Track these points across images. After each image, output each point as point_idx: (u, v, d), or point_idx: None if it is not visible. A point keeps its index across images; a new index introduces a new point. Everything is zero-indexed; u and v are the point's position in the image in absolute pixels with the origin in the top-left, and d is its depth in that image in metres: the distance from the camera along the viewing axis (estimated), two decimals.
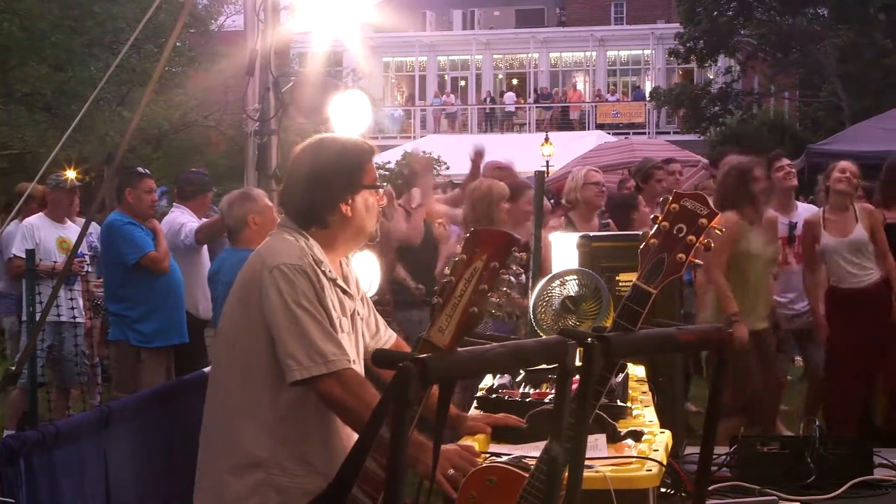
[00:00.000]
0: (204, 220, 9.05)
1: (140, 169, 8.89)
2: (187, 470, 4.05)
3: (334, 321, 3.73)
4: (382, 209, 3.95)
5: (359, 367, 3.81)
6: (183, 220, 8.94)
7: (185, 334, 8.39)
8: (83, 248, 9.91)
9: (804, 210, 9.15)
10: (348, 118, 7.20)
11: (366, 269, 5.83)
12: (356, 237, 3.92)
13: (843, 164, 8.31)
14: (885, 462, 5.51)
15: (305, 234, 3.82)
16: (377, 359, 2.54)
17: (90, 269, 10.42)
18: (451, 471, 3.38)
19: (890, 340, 8.15)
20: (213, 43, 26.13)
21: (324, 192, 3.84)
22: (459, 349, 2.67)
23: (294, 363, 3.59)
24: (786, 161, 8.95)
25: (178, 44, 21.70)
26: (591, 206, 8.59)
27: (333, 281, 3.81)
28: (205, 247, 8.93)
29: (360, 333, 3.96)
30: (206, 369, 7.10)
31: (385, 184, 5.90)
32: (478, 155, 9.47)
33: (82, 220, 8.97)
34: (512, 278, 2.88)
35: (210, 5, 27.11)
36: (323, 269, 3.76)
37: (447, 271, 2.92)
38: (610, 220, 8.90)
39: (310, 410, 3.72)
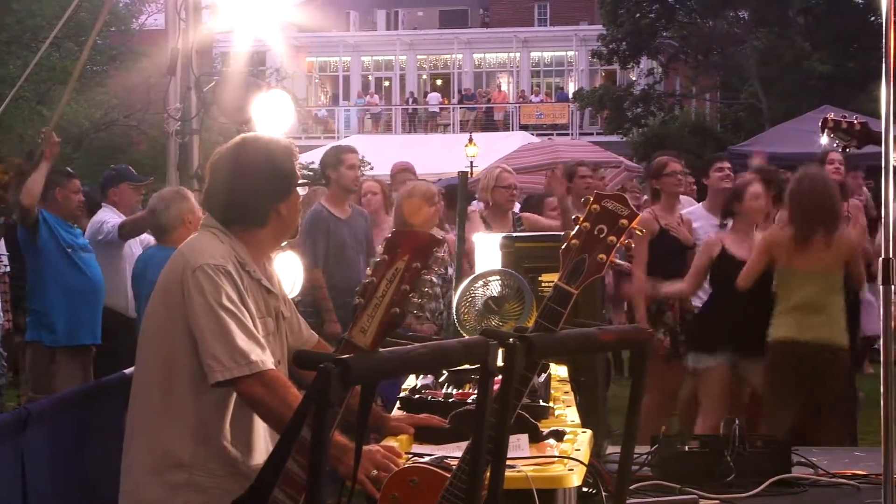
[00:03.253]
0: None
1: (69, 169, 8.83)
2: (109, 473, 4.01)
3: (257, 322, 3.71)
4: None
5: (283, 369, 3.79)
6: (105, 217, 8.87)
7: (99, 335, 8.30)
8: (1, 248, 9.81)
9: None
10: (271, 118, 7.17)
11: (288, 271, 5.81)
12: (284, 236, 3.93)
13: (755, 189, 8.33)
14: (803, 460, 5.58)
15: (229, 233, 3.80)
16: (298, 360, 2.53)
17: (7, 269, 10.28)
18: (374, 471, 3.37)
19: None
20: (134, 42, 25.92)
21: (260, 192, 3.84)
22: (381, 350, 2.67)
23: (216, 364, 3.57)
24: (726, 164, 9.04)
25: (98, 42, 21.51)
26: (502, 209, 8.65)
27: (258, 281, 3.80)
28: (129, 243, 8.82)
29: (283, 334, 3.95)
30: (128, 370, 7.04)
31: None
32: None
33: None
34: (434, 279, 2.88)
35: (131, 4, 26.90)
36: (247, 269, 3.75)
37: (369, 272, 2.92)
38: (522, 217, 8.93)
39: (232, 411, 3.70)
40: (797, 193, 7.39)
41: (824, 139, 5.75)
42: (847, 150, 5.89)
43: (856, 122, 5.62)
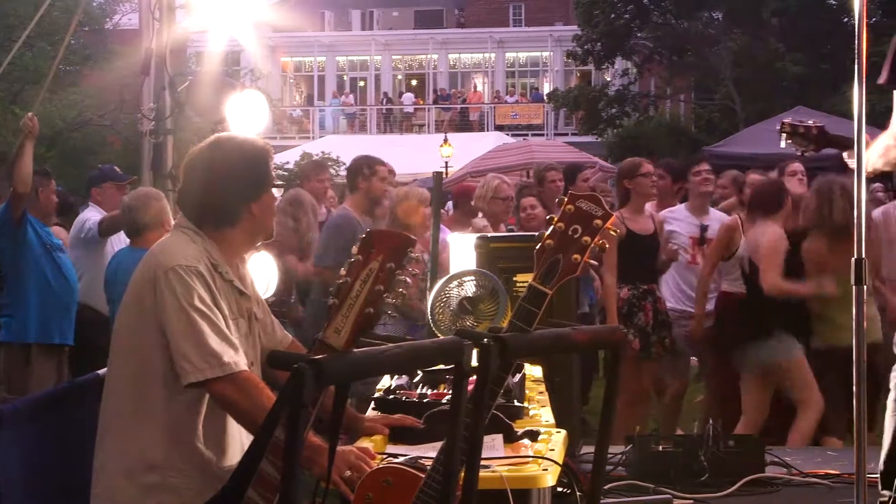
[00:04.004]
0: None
1: (47, 169, 8.82)
2: (84, 475, 3.99)
3: (230, 323, 3.71)
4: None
5: (256, 370, 3.79)
6: (88, 216, 8.87)
7: (71, 337, 8.27)
8: None
9: (715, 214, 9.25)
10: (245, 118, 7.16)
11: (263, 271, 5.79)
12: (257, 236, 3.91)
13: (754, 178, 8.41)
14: (776, 460, 5.61)
15: (202, 234, 3.80)
16: (272, 360, 2.53)
17: None
18: (348, 472, 3.37)
19: None
20: (108, 41, 25.85)
21: (234, 191, 3.84)
22: (355, 350, 2.67)
23: (188, 365, 3.56)
24: (705, 166, 9.08)
25: (72, 42, 21.43)
26: (497, 220, 8.68)
27: (230, 283, 3.79)
28: (111, 242, 8.79)
29: (256, 335, 3.95)
30: (102, 371, 7.01)
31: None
32: None
33: None
34: (408, 279, 2.88)
35: (105, 4, 26.83)
36: (220, 270, 3.74)
37: (343, 272, 2.92)
38: (514, 227, 8.98)
39: (205, 412, 3.69)
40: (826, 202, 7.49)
41: (783, 144, 5.75)
42: (805, 153, 5.90)
43: (812, 125, 5.63)
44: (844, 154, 5.05)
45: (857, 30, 4.11)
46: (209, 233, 3.82)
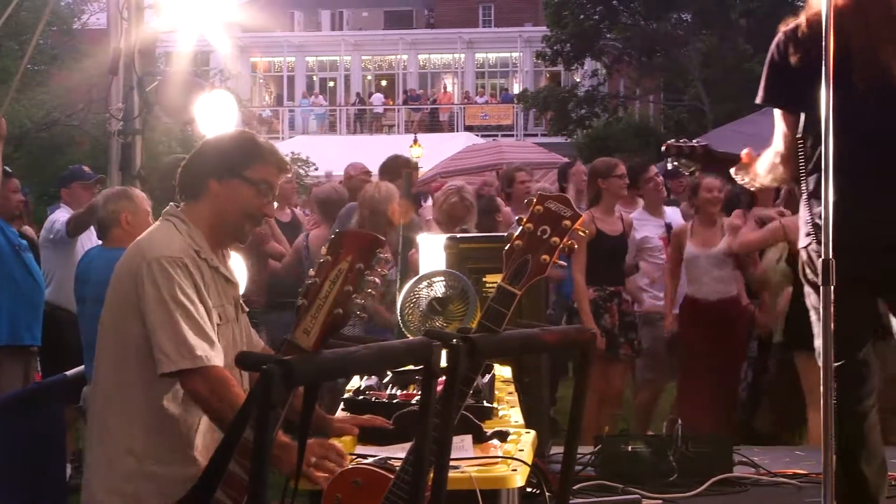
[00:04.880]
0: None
1: (7, 168, 8.75)
2: (50, 475, 3.99)
3: (213, 313, 3.70)
4: None
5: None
6: (58, 216, 8.83)
7: (39, 337, 8.22)
8: None
9: (669, 211, 9.32)
10: (214, 118, 7.14)
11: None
12: (221, 225, 3.85)
13: (709, 181, 8.42)
14: (745, 460, 5.63)
15: (187, 221, 3.78)
16: (241, 361, 2.52)
17: None
18: (313, 458, 3.36)
19: (741, 348, 8.33)
20: (76, 41, 25.74)
21: (200, 163, 3.86)
22: (325, 351, 2.67)
23: (163, 356, 3.57)
24: (654, 170, 9.15)
25: (40, 42, 21.33)
26: (456, 222, 8.63)
27: (216, 269, 3.78)
28: (81, 241, 8.75)
29: (244, 323, 3.96)
30: (70, 372, 6.97)
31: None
32: None
33: None
34: (377, 279, 2.88)
35: (73, 3, 26.71)
36: (204, 256, 3.73)
37: (312, 272, 2.91)
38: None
39: (184, 402, 3.69)
40: None
41: (669, 166, 5.71)
42: (692, 174, 5.87)
43: (697, 144, 5.59)
44: (731, 170, 5.07)
45: (824, 32, 4.12)
46: (186, 213, 3.83)
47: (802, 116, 4.56)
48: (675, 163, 5.45)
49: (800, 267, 4.64)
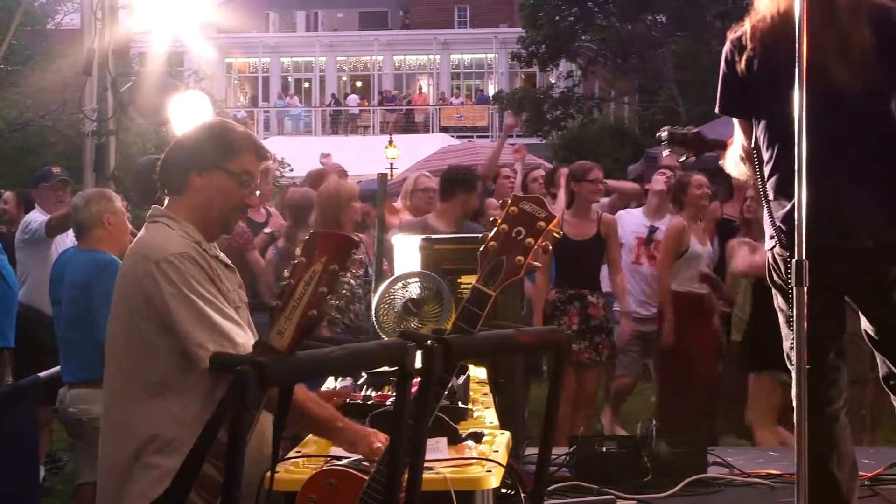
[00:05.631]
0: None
1: None
2: (24, 476, 3.96)
3: (231, 299, 3.69)
4: None
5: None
6: (33, 217, 8.81)
7: (12, 338, 8.18)
8: None
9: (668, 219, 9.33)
10: (189, 119, 7.12)
11: None
12: (207, 218, 3.79)
13: (698, 178, 8.44)
14: (718, 460, 5.64)
15: (175, 217, 3.75)
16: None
17: None
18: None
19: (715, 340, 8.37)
20: (49, 41, 25.65)
21: (182, 156, 3.81)
22: (299, 352, 2.66)
23: (201, 350, 3.50)
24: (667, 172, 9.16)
25: (13, 42, 21.24)
26: (421, 212, 8.60)
27: (216, 258, 3.76)
28: (56, 242, 8.72)
29: (248, 306, 3.93)
30: (43, 374, 6.95)
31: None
32: None
33: None
34: (352, 281, 2.88)
35: (46, 3, 26.61)
36: (203, 247, 3.71)
37: (286, 274, 2.91)
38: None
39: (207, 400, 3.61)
40: None
41: (665, 153, 5.73)
42: (685, 161, 5.90)
43: (688, 131, 5.62)
44: (721, 162, 5.09)
45: (797, 34, 4.14)
46: (173, 208, 3.79)
47: (763, 123, 4.57)
48: (670, 149, 5.49)
49: (766, 270, 4.65)
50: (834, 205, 4.35)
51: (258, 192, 3.98)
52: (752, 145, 4.60)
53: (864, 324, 4.66)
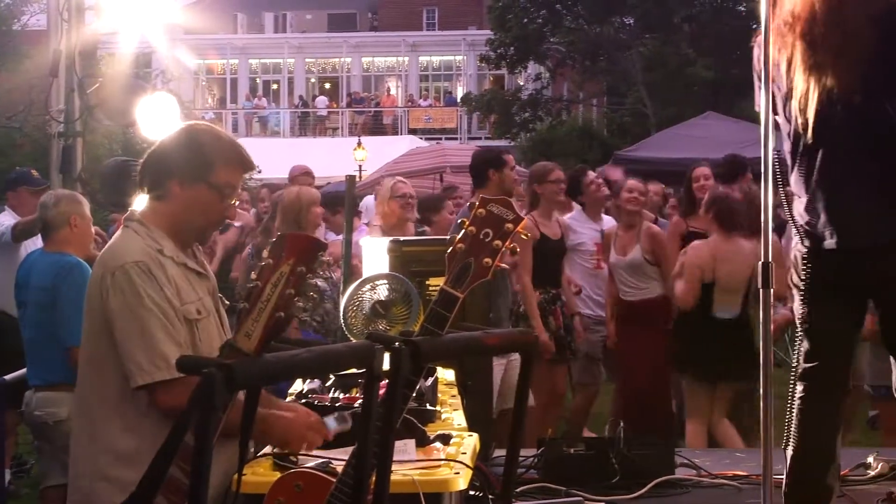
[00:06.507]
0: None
1: None
2: None
3: (190, 307, 3.63)
4: None
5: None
6: (1, 220, 8.72)
7: None
8: None
9: (607, 219, 9.39)
10: (156, 120, 7.10)
11: None
12: (182, 228, 3.74)
13: (631, 182, 8.57)
14: (686, 462, 5.67)
15: (147, 223, 3.70)
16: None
17: None
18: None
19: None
20: (16, 42, 25.50)
21: (166, 162, 3.74)
22: (266, 354, 2.65)
23: (135, 368, 3.48)
24: (592, 175, 9.21)
25: None
26: (400, 219, 8.58)
27: (184, 265, 3.71)
28: (25, 246, 8.66)
29: (223, 313, 3.87)
30: (9, 376, 6.91)
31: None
32: None
33: None
34: (319, 282, 2.88)
35: (13, 4, 26.46)
36: (169, 255, 3.65)
37: (254, 275, 2.90)
38: (426, 228, 8.93)
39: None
40: None
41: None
42: None
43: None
44: None
45: (763, 36, 4.16)
46: (152, 210, 3.75)
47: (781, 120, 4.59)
48: None
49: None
50: (836, 205, 4.38)
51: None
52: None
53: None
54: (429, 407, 4.19)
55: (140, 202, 3.84)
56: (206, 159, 3.73)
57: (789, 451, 4.51)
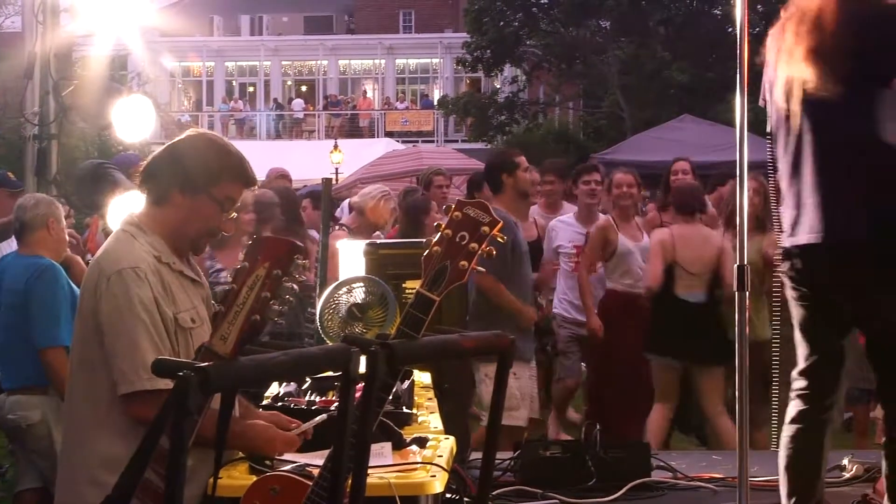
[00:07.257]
0: None
1: None
2: None
3: (184, 315, 3.63)
4: None
5: None
6: None
7: None
8: None
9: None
10: (132, 123, 7.08)
11: None
12: (179, 236, 3.75)
13: (619, 177, 8.57)
14: (662, 464, 5.68)
15: (144, 228, 3.70)
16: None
17: None
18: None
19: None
20: None
21: (170, 169, 3.73)
22: (242, 357, 2.65)
23: (120, 375, 3.48)
24: (595, 177, 9.17)
25: None
26: (385, 229, 8.60)
27: (179, 272, 3.71)
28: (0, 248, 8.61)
29: None
30: None
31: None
32: None
33: None
34: (294, 286, 2.87)
35: None
36: (165, 261, 3.66)
37: (230, 278, 2.90)
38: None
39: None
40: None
41: None
42: None
43: None
44: None
45: (738, 41, 4.18)
46: (150, 214, 3.75)
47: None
48: None
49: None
50: (807, 205, 4.40)
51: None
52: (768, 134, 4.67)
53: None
54: (405, 410, 4.19)
55: (118, 205, 3.83)
56: (212, 172, 3.74)
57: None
